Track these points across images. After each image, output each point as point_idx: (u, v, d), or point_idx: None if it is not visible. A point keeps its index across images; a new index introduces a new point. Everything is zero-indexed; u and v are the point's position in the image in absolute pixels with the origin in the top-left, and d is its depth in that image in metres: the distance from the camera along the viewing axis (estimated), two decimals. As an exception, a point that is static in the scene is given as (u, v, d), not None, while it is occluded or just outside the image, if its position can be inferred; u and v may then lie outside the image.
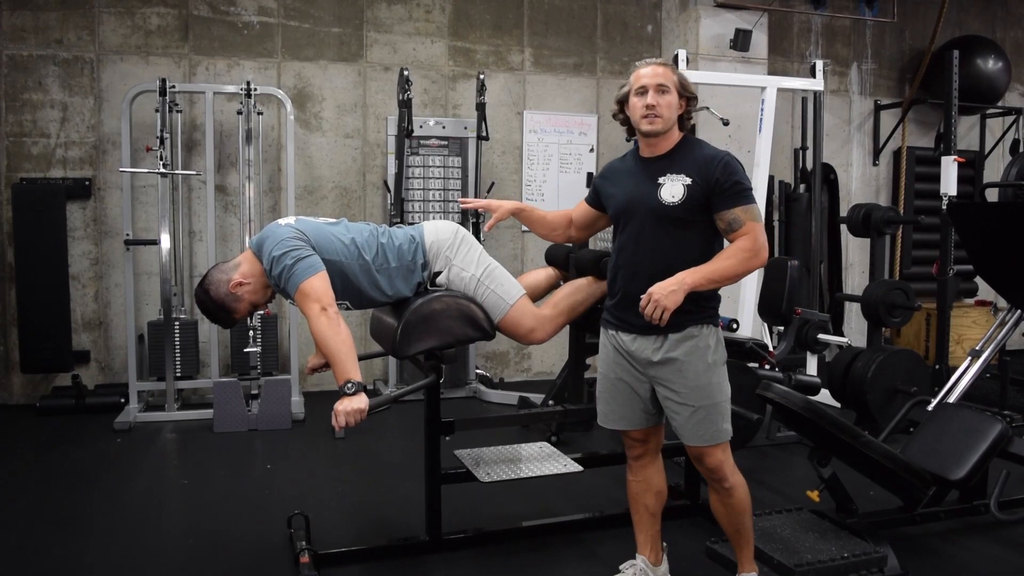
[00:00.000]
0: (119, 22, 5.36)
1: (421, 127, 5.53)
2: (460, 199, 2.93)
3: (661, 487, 2.68)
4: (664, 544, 2.73)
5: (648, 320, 2.29)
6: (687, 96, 2.45)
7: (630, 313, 2.44)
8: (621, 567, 2.73)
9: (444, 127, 5.69)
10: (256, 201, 5.17)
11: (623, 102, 2.51)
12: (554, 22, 6.22)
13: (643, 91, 2.42)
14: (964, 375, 4.22)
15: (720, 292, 2.49)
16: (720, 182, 2.35)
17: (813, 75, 5.27)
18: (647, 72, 2.43)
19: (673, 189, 2.38)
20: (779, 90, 5.19)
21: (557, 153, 6.27)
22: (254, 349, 4.89)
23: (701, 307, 2.41)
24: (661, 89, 2.40)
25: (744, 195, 2.37)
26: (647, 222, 2.42)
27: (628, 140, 6.06)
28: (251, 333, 4.89)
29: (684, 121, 2.50)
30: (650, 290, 2.29)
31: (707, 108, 5.38)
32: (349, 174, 5.82)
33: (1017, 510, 3.39)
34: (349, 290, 2.76)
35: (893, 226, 5.27)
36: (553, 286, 3.26)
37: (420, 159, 5.63)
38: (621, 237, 2.52)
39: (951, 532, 3.28)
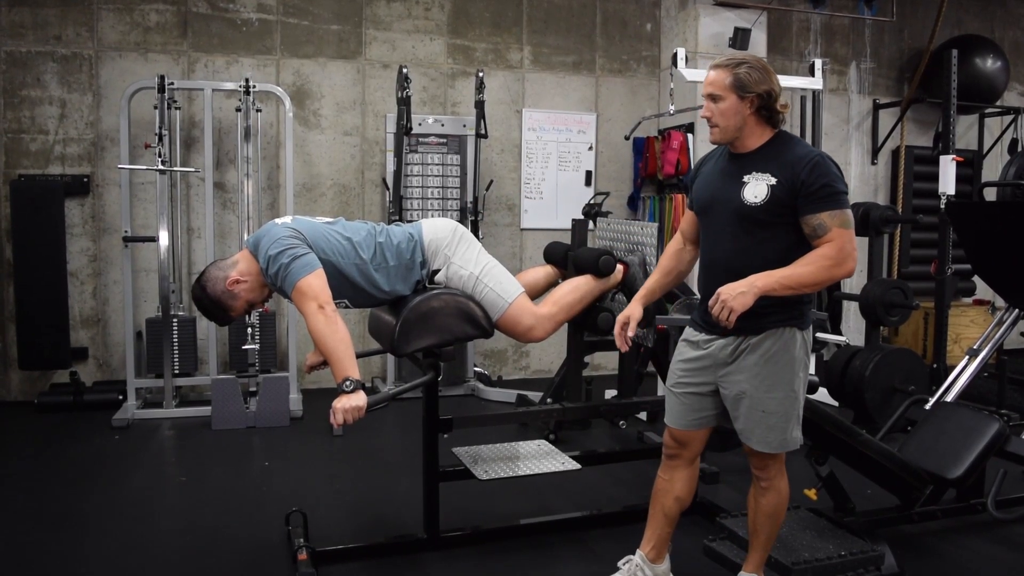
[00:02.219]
0: (118, 19, 5.35)
1: (420, 125, 5.53)
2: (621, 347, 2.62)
3: (683, 494, 2.62)
4: (668, 545, 2.72)
5: (716, 321, 2.22)
6: (753, 94, 2.27)
7: (709, 313, 2.37)
8: (619, 563, 2.72)
9: (443, 125, 5.69)
10: (255, 198, 5.17)
11: None
12: (553, 20, 6.21)
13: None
14: (962, 374, 4.23)
15: (809, 295, 2.37)
16: (807, 184, 2.22)
17: (812, 74, 5.28)
18: (706, 79, 2.33)
19: (757, 189, 2.28)
20: (778, 89, 5.18)
21: (556, 151, 6.27)
22: (252, 346, 4.88)
23: (783, 309, 2.32)
24: (712, 98, 2.31)
25: (833, 199, 2.22)
26: (728, 221, 2.33)
27: (627, 139, 6.08)
28: (249, 330, 4.89)
29: (767, 116, 2.32)
30: (719, 291, 2.21)
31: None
32: (348, 172, 5.82)
33: (1014, 509, 3.39)
34: (346, 289, 2.76)
35: (891, 225, 5.28)
36: (552, 284, 3.26)
37: (419, 157, 5.62)
38: (704, 236, 2.46)
39: (948, 531, 3.29)
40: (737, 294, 2.18)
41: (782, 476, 2.49)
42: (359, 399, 2.41)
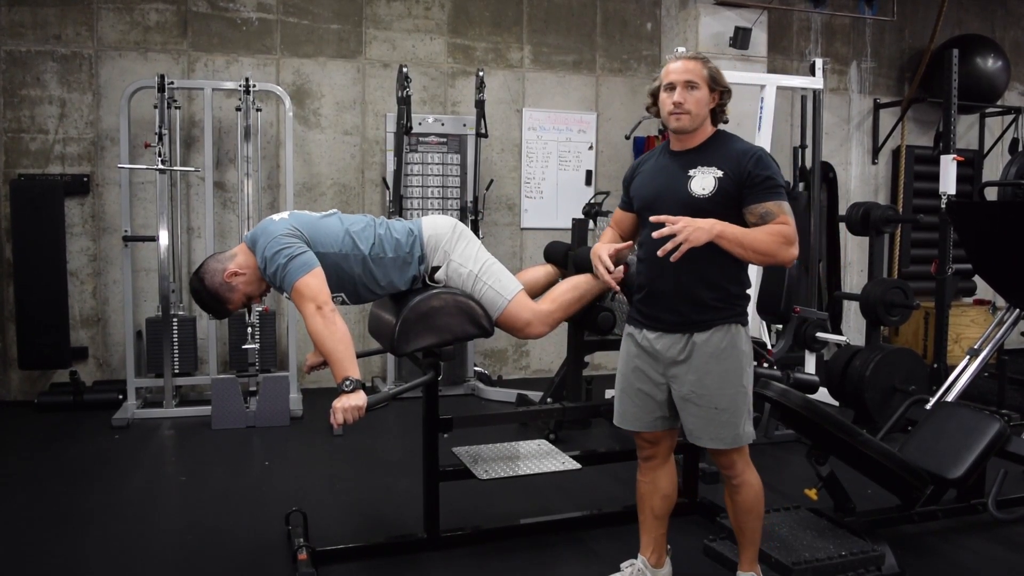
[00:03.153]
0: (118, 18, 5.35)
1: (420, 124, 5.53)
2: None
3: (669, 490, 2.64)
4: (668, 547, 2.72)
5: (665, 238, 2.21)
6: (719, 89, 2.40)
7: (656, 309, 2.42)
8: (621, 566, 2.72)
9: (443, 124, 5.68)
10: (255, 198, 5.16)
11: (655, 95, 2.46)
12: (553, 19, 6.21)
13: (671, 87, 2.38)
14: (962, 374, 4.22)
15: (747, 290, 2.46)
16: (753, 176, 2.31)
17: (812, 73, 5.26)
18: (676, 68, 2.38)
19: (704, 182, 2.35)
20: (778, 88, 5.18)
21: (556, 151, 6.27)
22: (252, 346, 4.88)
23: (728, 305, 2.38)
24: (689, 85, 2.35)
25: (777, 191, 2.33)
26: (675, 214, 2.32)
27: (627, 138, 6.07)
28: (249, 330, 4.88)
29: (717, 115, 2.44)
30: (679, 218, 2.22)
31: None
32: (348, 171, 5.82)
33: (1015, 509, 3.39)
34: (344, 283, 2.75)
35: (892, 225, 5.27)
36: (551, 283, 3.25)
37: (419, 156, 5.62)
38: (646, 231, 2.47)
39: (949, 531, 3.28)
40: (696, 228, 2.20)
41: (750, 469, 2.50)
42: (359, 399, 2.40)
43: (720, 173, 2.34)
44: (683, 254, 2.20)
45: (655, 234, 2.25)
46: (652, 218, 2.30)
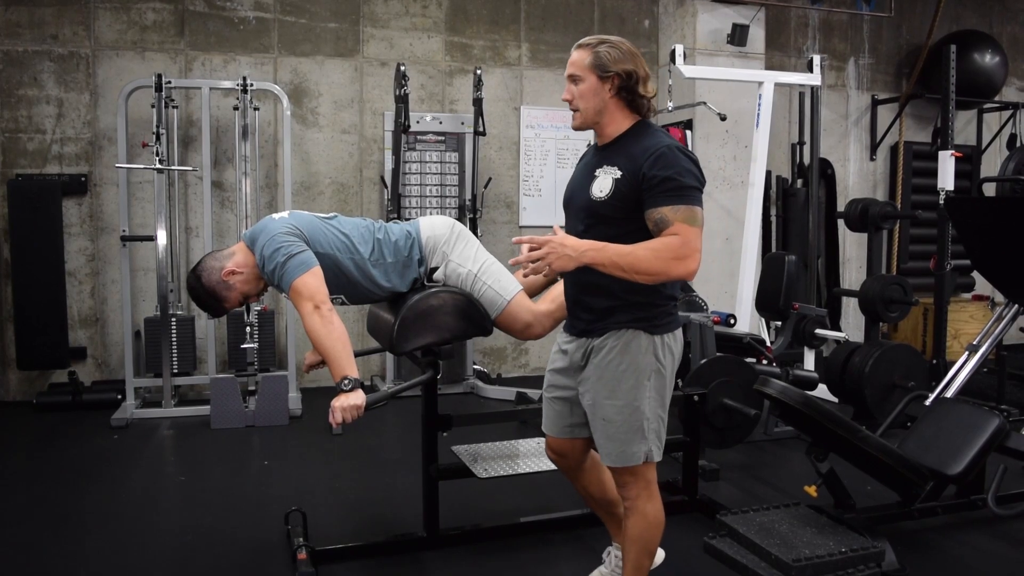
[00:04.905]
0: (115, 17, 5.34)
1: (418, 123, 5.52)
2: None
3: (596, 493, 2.58)
4: None
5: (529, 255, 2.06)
6: (614, 73, 2.13)
7: (569, 314, 2.38)
8: (603, 555, 2.71)
9: (441, 122, 5.68)
10: (253, 197, 5.16)
11: None
12: (551, 17, 6.20)
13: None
14: (961, 370, 4.23)
15: (663, 298, 2.22)
16: (649, 177, 2.06)
17: (810, 70, 5.26)
18: (569, 60, 2.20)
19: (603, 183, 2.16)
20: (776, 85, 5.18)
21: (555, 148, 6.26)
22: (251, 345, 4.88)
23: (625, 310, 2.19)
24: (573, 79, 2.17)
25: (676, 193, 2.05)
26: (580, 219, 2.22)
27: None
28: (248, 329, 4.88)
29: (628, 100, 2.19)
30: (553, 237, 2.05)
31: (704, 103, 5.38)
32: (346, 170, 5.81)
33: (1014, 505, 3.38)
34: (343, 284, 2.75)
35: (890, 221, 5.27)
36: (551, 282, 3.24)
37: (417, 155, 5.61)
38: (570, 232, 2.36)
39: (948, 527, 3.29)
40: (560, 255, 2.02)
41: (648, 499, 2.29)
42: (358, 398, 2.40)
43: (619, 174, 2.13)
44: (550, 267, 2.04)
45: (513, 262, 2.12)
46: (513, 239, 2.17)
